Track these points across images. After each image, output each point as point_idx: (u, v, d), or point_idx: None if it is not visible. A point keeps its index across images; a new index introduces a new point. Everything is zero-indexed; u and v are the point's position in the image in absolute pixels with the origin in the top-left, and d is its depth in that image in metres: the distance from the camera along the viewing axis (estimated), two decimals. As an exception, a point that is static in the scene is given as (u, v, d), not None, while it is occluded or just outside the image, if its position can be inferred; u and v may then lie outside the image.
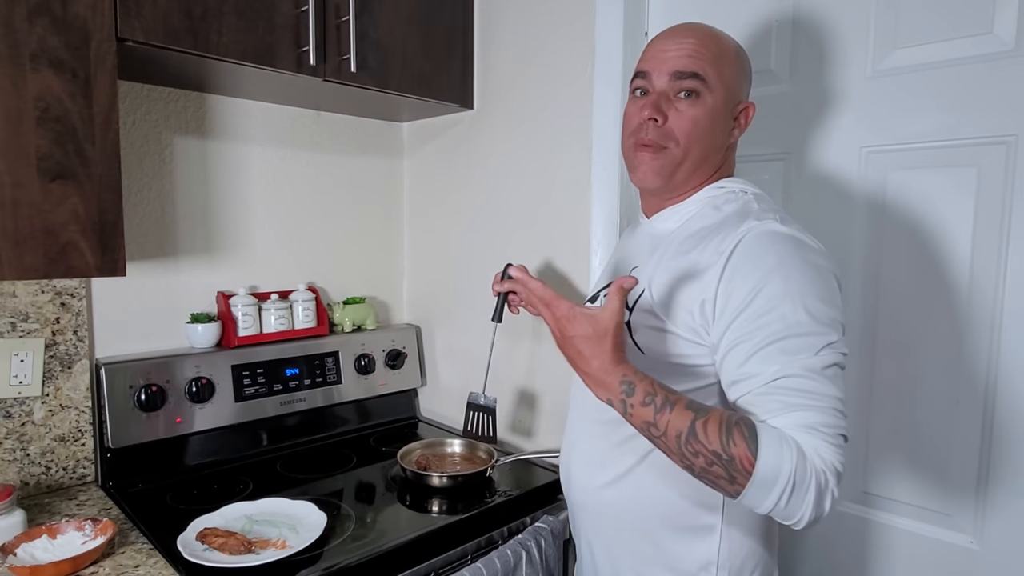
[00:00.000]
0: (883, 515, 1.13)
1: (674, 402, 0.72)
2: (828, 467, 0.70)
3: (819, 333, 0.74)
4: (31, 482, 1.24)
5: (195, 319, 1.43)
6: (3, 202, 0.95)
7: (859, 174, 1.12)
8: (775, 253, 0.77)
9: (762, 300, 0.75)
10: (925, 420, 1.08)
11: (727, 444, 0.69)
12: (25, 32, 0.95)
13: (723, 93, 0.86)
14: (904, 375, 1.10)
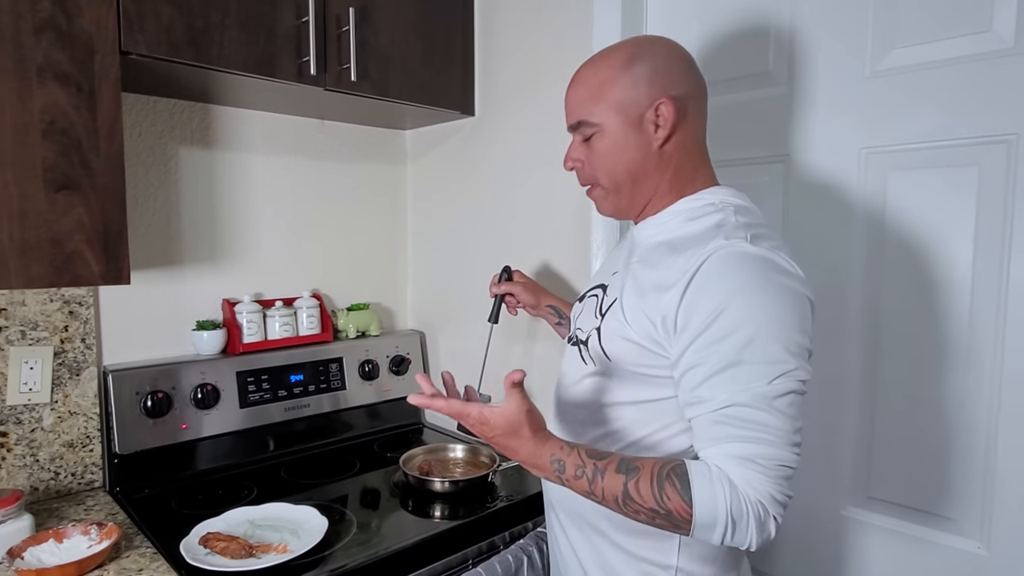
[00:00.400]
0: (888, 520, 1.12)
1: (604, 469, 0.76)
2: (764, 497, 0.72)
3: (776, 361, 0.73)
4: (40, 487, 1.26)
5: (201, 326, 1.45)
6: (10, 212, 0.98)
7: (859, 175, 1.12)
8: (740, 275, 0.75)
9: (721, 323, 0.73)
10: (929, 424, 1.06)
11: (661, 500, 0.73)
12: (31, 47, 0.98)
13: (615, 117, 0.86)
14: (907, 378, 1.08)
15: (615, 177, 0.89)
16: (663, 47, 0.88)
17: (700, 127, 0.90)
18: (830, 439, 1.17)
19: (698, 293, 0.75)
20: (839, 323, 1.14)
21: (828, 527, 1.18)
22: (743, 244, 0.77)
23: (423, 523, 1.22)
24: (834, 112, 1.13)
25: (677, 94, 0.85)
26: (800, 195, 1.18)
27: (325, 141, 1.69)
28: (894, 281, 1.09)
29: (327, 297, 1.71)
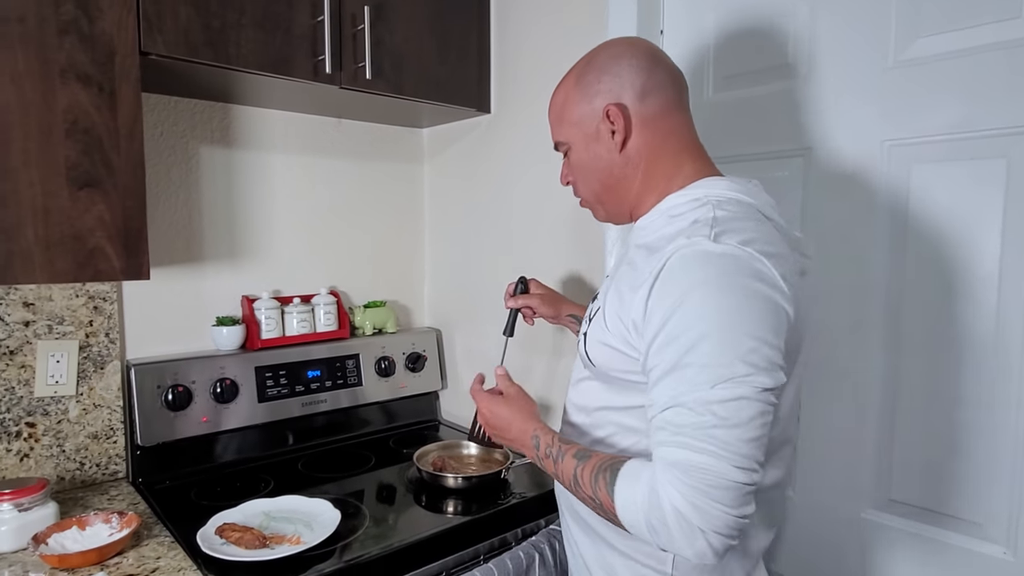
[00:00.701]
0: (909, 524, 1.09)
1: (566, 451, 0.82)
2: (681, 506, 0.67)
3: (724, 364, 0.68)
4: (67, 477, 1.30)
5: (220, 322, 1.48)
6: (35, 209, 1.01)
7: (881, 168, 1.09)
8: (696, 275, 0.72)
9: (673, 324, 0.71)
10: (953, 424, 1.03)
11: (596, 490, 0.76)
12: (55, 48, 1.01)
13: (576, 132, 0.90)
14: (930, 376, 1.05)
15: (592, 188, 0.93)
16: (614, 51, 0.89)
17: (674, 120, 0.89)
18: (849, 439, 1.14)
19: (658, 294, 0.74)
20: (860, 320, 1.12)
21: (848, 530, 1.15)
22: (704, 243, 0.73)
23: (435, 518, 1.23)
24: (855, 104, 1.10)
25: (628, 97, 0.86)
26: (820, 189, 1.16)
27: (343, 140, 1.71)
28: (918, 277, 1.06)
29: (344, 294, 1.73)
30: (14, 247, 0.99)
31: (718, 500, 0.67)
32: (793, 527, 1.22)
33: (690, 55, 1.32)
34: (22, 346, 1.25)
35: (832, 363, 1.15)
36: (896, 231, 1.08)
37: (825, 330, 1.16)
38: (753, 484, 0.69)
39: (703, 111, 1.30)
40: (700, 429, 0.68)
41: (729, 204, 0.80)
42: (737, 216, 0.78)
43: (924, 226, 1.05)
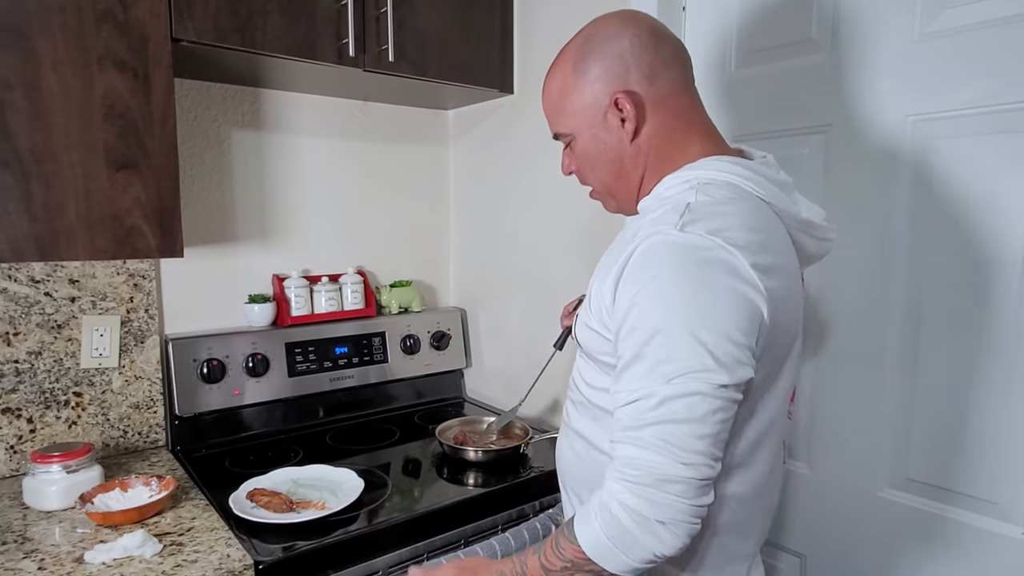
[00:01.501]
0: (927, 503, 1.08)
1: (526, 559, 0.78)
2: (633, 502, 0.67)
3: (679, 359, 0.67)
4: (111, 444, 1.38)
5: (252, 299, 1.54)
6: (76, 190, 1.07)
7: (905, 144, 1.07)
8: (656, 266, 0.70)
9: (634, 316, 0.70)
10: (973, 403, 1.02)
11: (563, 554, 0.73)
12: (93, 37, 1.06)
13: (581, 121, 0.84)
14: (951, 356, 1.04)
15: (601, 177, 0.87)
16: (613, 30, 0.82)
17: (684, 100, 0.83)
18: (867, 418, 1.14)
19: (623, 284, 0.72)
20: (880, 299, 1.11)
21: (864, 508, 1.15)
22: (669, 232, 0.70)
23: (455, 489, 1.26)
24: (879, 78, 1.08)
25: (636, 81, 0.80)
26: (842, 166, 1.14)
27: (369, 122, 1.74)
28: (940, 254, 1.04)
29: (371, 274, 1.78)
30: (58, 226, 1.05)
31: (668, 492, 0.67)
32: (809, 505, 1.22)
33: (713, 31, 1.30)
34: (68, 320, 1.33)
35: (851, 341, 1.15)
36: (919, 207, 1.06)
37: (845, 308, 1.15)
38: (706, 479, 0.68)
39: (725, 88, 1.29)
40: (651, 425, 0.68)
41: (715, 187, 0.76)
42: (718, 201, 0.74)
43: (948, 203, 1.03)
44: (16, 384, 1.28)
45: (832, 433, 1.19)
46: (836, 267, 1.15)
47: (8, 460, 1.28)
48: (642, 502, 0.67)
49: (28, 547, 1.01)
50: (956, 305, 1.03)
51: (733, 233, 0.70)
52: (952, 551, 1.05)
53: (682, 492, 0.67)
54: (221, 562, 0.96)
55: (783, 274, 0.75)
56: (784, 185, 0.82)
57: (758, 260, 0.70)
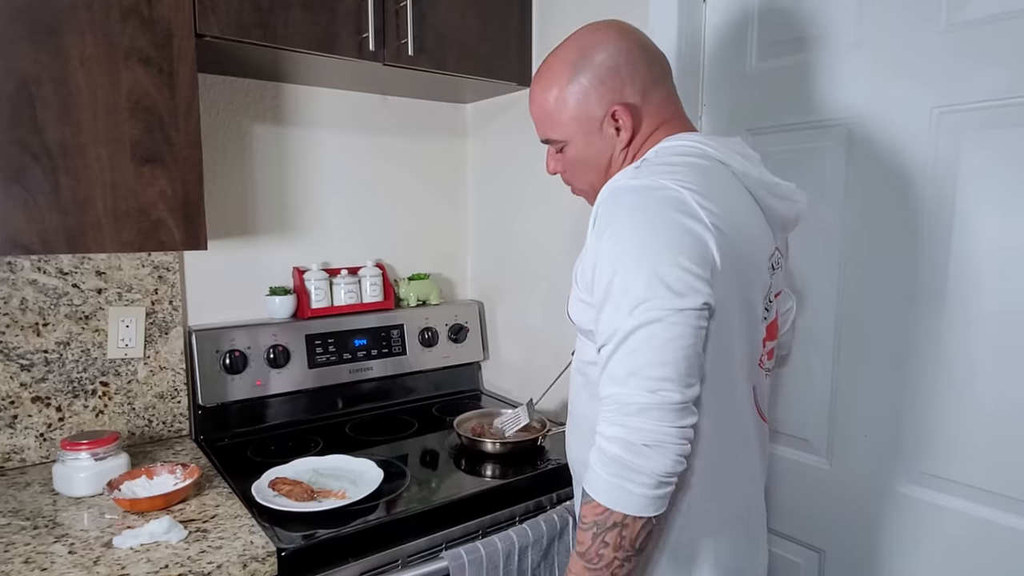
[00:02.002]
0: (948, 499, 1.07)
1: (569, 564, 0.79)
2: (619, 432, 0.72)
3: (635, 291, 0.72)
4: (136, 432, 1.41)
5: (273, 292, 1.56)
6: (104, 184, 1.09)
7: (930, 137, 1.05)
8: (612, 212, 0.77)
9: (599, 266, 0.77)
10: (1000, 398, 1.00)
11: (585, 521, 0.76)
12: (119, 33, 1.08)
13: (574, 127, 0.89)
14: (978, 351, 1.02)
15: (591, 179, 0.94)
16: (606, 45, 0.87)
17: (668, 107, 0.90)
18: (888, 412, 1.13)
19: (593, 237, 0.79)
20: (903, 293, 1.09)
21: (884, 504, 1.14)
22: (623, 179, 0.78)
23: (473, 480, 1.28)
24: (904, 70, 1.07)
25: (631, 94, 0.87)
26: (864, 159, 1.13)
27: (389, 116, 1.75)
28: (965, 248, 1.03)
29: (389, 267, 1.79)
30: (86, 219, 1.07)
31: (645, 418, 0.71)
32: (828, 500, 1.22)
33: (733, 23, 1.29)
34: (95, 312, 1.36)
35: (873, 336, 1.14)
36: (944, 201, 1.04)
37: (868, 303, 1.14)
38: (678, 403, 0.72)
39: (745, 82, 1.28)
40: (619, 360, 0.73)
41: (669, 150, 0.83)
42: (672, 153, 0.82)
43: (975, 197, 1.01)
44: (46, 373, 1.31)
45: (852, 428, 1.18)
46: (859, 260, 1.14)
47: (39, 447, 1.31)
48: (624, 430, 0.72)
49: (59, 532, 1.04)
50: (981, 299, 1.01)
51: (681, 176, 0.77)
52: (978, 549, 1.04)
53: (658, 416, 0.71)
54: (245, 549, 0.98)
55: (736, 219, 0.79)
56: (747, 156, 0.89)
57: (706, 201, 0.75)
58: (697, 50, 1.35)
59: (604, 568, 0.75)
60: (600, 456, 0.74)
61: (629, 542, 0.74)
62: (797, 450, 1.26)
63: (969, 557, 1.05)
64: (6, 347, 1.27)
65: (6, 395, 1.27)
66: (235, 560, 0.95)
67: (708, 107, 1.36)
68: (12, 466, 1.29)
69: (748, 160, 0.87)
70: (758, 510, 0.94)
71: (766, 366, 0.93)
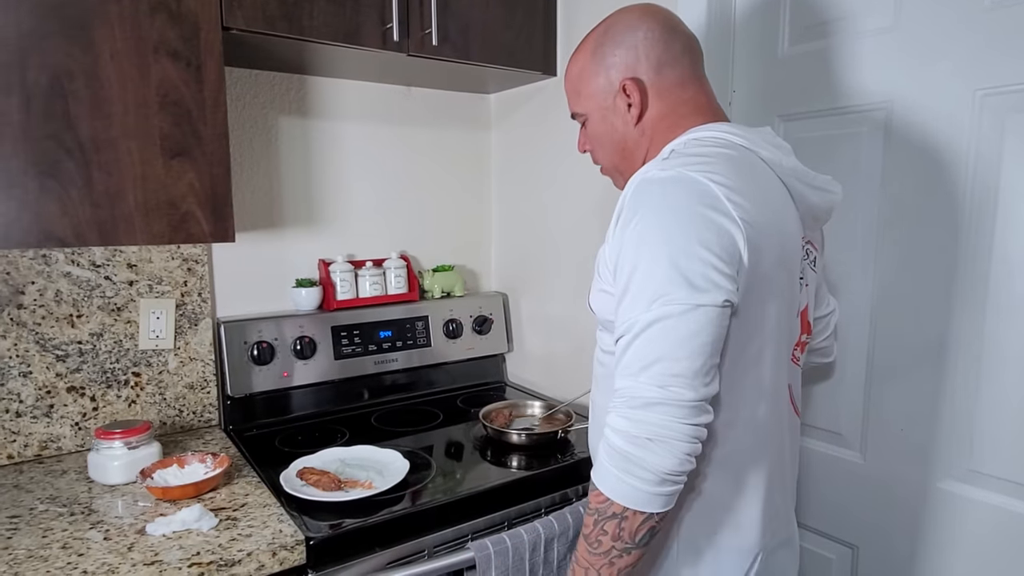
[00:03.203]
0: (991, 495, 1.04)
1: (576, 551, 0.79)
2: (625, 425, 0.71)
3: (655, 285, 0.71)
4: (168, 422, 1.44)
5: (299, 284, 1.57)
6: (134, 178, 1.10)
7: (972, 120, 1.02)
8: (638, 203, 0.76)
9: (622, 256, 0.76)
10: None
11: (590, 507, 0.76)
12: (148, 27, 1.09)
13: (593, 104, 0.92)
14: (1019, 343, 0.99)
15: (609, 156, 0.95)
16: (630, 22, 0.89)
17: (689, 90, 0.89)
18: (923, 405, 1.09)
19: (618, 228, 0.78)
20: (941, 283, 1.06)
21: (923, 500, 1.11)
22: (651, 171, 0.76)
23: (499, 471, 1.27)
24: (946, 51, 1.03)
25: (643, 70, 0.87)
26: (901, 146, 1.09)
27: (413, 107, 1.75)
28: (1010, 235, 0.99)
29: (414, 258, 1.79)
30: (117, 212, 1.09)
31: (653, 413, 0.70)
32: (863, 495, 1.19)
33: (765, 5, 1.26)
34: (127, 303, 1.38)
35: (909, 328, 1.10)
36: (987, 188, 1.00)
37: (904, 294, 1.11)
38: (691, 401, 0.70)
39: (777, 66, 1.25)
40: (634, 352, 0.72)
41: (698, 142, 0.82)
42: (701, 144, 0.81)
43: (1019, 182, 0.97)
44: (80, 364, 1.34)
45: (887, 422, 1.15)
46: (895, 250, 1.11)
47: (74, 436, 1.34)
48: (630, 423, 0.71)
49: (94, 518, 1.06)
50: None
51: (710, 167, 0.75)
52: (1014, 543, 1.01)
53: (668, 412, 0.70)
54: (274, 537, 0.99)
55: (767, 212, 0.77)
56: (778, 146, 0.87)
57: (735, 194, 0.73)
58: (727, 34, 1.32)
59: (603, 555, 0.75)
60: (606, 447, 0.74)
61: (628, 534, 0.73)
62: (830, 444, 1.23)
63: (1008, 553, 1.02)
64: (42, 338, 1.30)
65: (42, 385, 1.31)
66: (264, 548, 0.96)
67: (738, 93, 1.33)
68: (49, 454, 1.32)
69: (779, 150, 0.86)
70: (789, 506, 0.92)
71: (800, 361, 0.91)
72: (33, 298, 1.29)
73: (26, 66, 1.00)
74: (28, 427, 1.30)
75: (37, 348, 1.30)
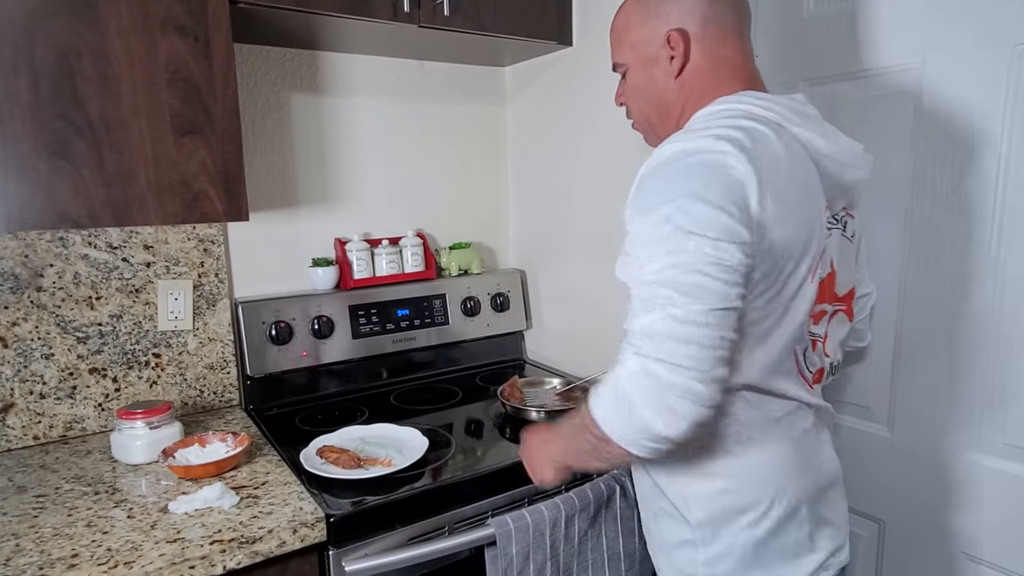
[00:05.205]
0: (1021, 467, 1.00)
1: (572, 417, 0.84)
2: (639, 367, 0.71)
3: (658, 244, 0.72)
4: (189, 402, 1.45)
5: (316, 263, 1.56)
6: (146, 157, 1.09)
7: (1011, 78, 0.96)
8: (651, 177, 0.76)
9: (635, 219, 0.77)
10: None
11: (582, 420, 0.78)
12: (154, 2, 1.07)
13: (635, 54, 0.91)
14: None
15: (644, 110, 0.95)
16: None
17: (730, 48, 0.87)
18: (953, 377, 1.06)
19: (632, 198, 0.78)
20: (973, 252, 1.01)
21: (951, 474, 1.08)
22: (674, 140, 0.77)
23: (518, 448, 1.26)
24: (983, 4, 0.97)
25: (689, 21, 0.86)
26: (934, 108, 1.04)
27: (426, 83, 1.71)
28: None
29: (430, 236, 1.77)
30: (130, 192, 1.08)
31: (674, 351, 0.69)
32: (889, 469, 1.16)
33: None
34: (145, 285, 1.38)
35: (941, 299, 1.06)
36: None
37: (934, 264, 1.06)
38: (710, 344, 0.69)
39: (802, 28, 1.20)
40: (648, 299, 0.72)
41: (724, 111, 0.81)
42: (727, 116, 0.80)
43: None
44: (101, 346, 1.35)
45: (915, 395, 1.11)
46: (927, 217, 1.06)
47: (97, 417, 1.36)
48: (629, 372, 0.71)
49: (118, 497, 1.07)
50: (1067, 256, 0.93)
51: (719, 131, 0.75)
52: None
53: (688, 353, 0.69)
54: (295, 514, 0.99)
55: (781, 174, 0.76)
56: (807, 116, 0.85)
57: (746, 152, 0.73)
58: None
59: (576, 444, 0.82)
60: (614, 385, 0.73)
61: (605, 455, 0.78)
62: (857, 418, 1.20)
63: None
64: (63, 320, 1.31)
65: (65, 367, 1.32)
66: (285, 525, 0.96)
67: (762, 56, 1.27)
68: (74, 435, 1.34)
69: (806, 120, 0.84)
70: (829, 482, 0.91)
71: (812, 330, 0.88)
72: (52, 281, 1.29)
73: (33, 45, 0.99)
74: (52, 408, 1.31)
75: (58, 330, 1.31)
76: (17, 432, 1.29)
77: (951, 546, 1.09)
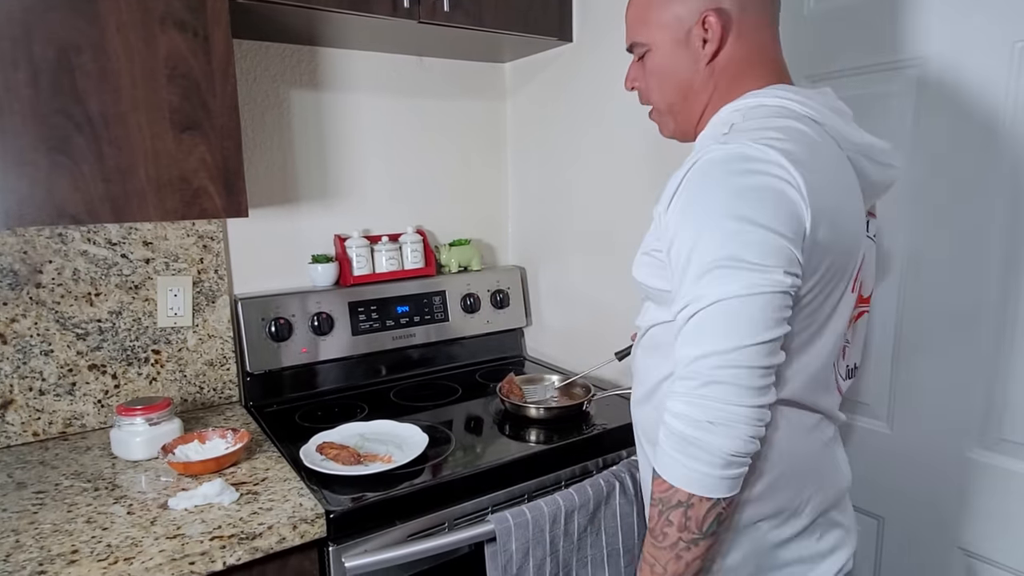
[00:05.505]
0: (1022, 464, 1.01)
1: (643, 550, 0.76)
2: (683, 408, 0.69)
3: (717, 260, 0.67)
4: (188, 399, 1.45)
5: (316, 260, 1.56)
6: (145, 152, 1.09)
7: (1011, 75, 0.96)
8: (703, 183, 0.70)
9: (682, 228, 0.71)
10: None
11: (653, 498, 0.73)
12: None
13: (662, 34, 0.83)
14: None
15: (667, 96, 0.87)
16: None
17: (765, 35, 0.82)
18: (954, 374, 1.06)
19: (676, 208, 0.72)
20: (974, 249, 1.01)
21: (952, 470, 1.08)
22: (712, 148, 0.71)
23: (518, 445, 1.26)
24: (983, 2, 0.97)
25: (727, 2, 0.79)
26: (935, 105, 1.04)
27: (426, 79, 1.71)
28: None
29: (430, 233, 1.77)
30: (129, 188, 1.08)
31: (717, 393, 0.67)
32: (889, 465, 1.16)
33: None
34: (144, 281, 1.38)
35: (942, 298, 1.06)
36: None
37: (935, 259, 1.06)
38: (755, 380, 0.67)
39: (802, 25, 1.20)
40: (695, 332, 0.69)
41: (762, 109, 0.76)
42: (763, 116, 0.75)
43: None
44: (100, 342, 1.35)
45: (915, 391, 1.11)
46: (928, 214, 1.06)
47: (97, 413, 1.36)
48: (690, 407, 0.69)
49: (117, 493, 1.07)
50: (1067, 252, 0.93)
51: (775, 140, 0.70)
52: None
53: (728, 392, 0.67)
54: (295, 510, 0.99)
55: (832, 187, 0.73)
56: (841, 112, 0.81)
57: (802, 168, 0.68)
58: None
59: (668, 548, 0.72)
60: (666, 432, 0.71)
61: (695, 523, 0.70)
62: (856, 414, 1.20)
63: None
64: (62, 316, 1.31)
65: (64, 363, 1.32)
66: (285, 521, 0.96)
67: (761, 54, 1.27)
68: (74, 431, 1.34)
69: (842, 118, 0.80)
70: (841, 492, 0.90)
71: (846, 337, 0.87)
72: (51, 277, 1.29)
73: (32, 40, 0.99)
74: (52, 405, 1.31)
75: (57, 327, 1.30)
76: (16, 428, 1.28)
77: (949, 542, 1.10)
